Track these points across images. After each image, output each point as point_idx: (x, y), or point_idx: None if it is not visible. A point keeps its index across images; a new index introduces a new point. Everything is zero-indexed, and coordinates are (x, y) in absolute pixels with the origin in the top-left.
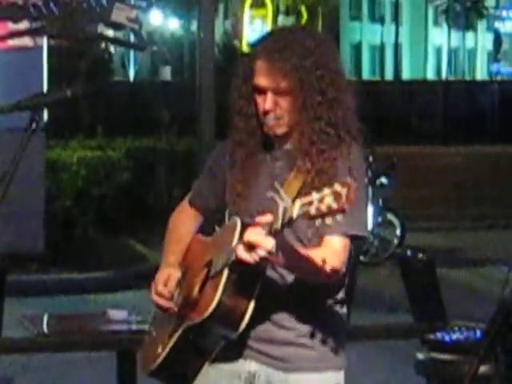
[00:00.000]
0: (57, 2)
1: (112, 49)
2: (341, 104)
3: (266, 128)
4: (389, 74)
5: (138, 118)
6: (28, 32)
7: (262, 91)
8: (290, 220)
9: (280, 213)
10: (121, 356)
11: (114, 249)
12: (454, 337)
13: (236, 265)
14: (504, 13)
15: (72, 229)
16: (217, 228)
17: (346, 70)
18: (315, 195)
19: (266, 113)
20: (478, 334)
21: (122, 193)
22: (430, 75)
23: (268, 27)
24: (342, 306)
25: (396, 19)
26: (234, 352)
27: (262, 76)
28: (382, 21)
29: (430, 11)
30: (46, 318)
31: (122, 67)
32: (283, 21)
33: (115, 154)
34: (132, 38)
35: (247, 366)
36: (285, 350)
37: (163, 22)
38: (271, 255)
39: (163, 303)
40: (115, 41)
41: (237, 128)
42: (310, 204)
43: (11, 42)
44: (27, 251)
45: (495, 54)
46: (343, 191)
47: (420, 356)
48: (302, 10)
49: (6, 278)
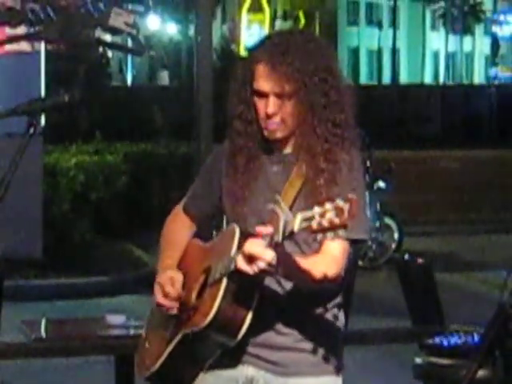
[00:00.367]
0: (54, 7)
1: (109, 54)
2: (342, 105)
3: (266, 132)
4: (386, 79)
5: (135, 123)
6: (26, 37)
7: (264, 95)
8: (291, 233)
9: (281, 225)
10: (119, 360)
11: (112, 253)
12: (452, 341)
13: (235, 274)
14: (501, 17)
15: (70, 233)
16: (214, 233)
17: (344, 73)
18: (317, 209)
19: (269, 117)
20: (476, 338)
21: (120, 197)
22: (428, 79)
23: (265, 32)
24: (339, 310)
25: (393, 23)
26: (231, 357)
27: (265, 80)
28: (379, 25)
29: (428, 15)
30: (44, 322)
31: (119, 72)
32: (281, 25)
33: (113, 159)
34: (130, 43)
35: (245, 371)
36: (283, 354)
37: (161, 27)
38: (271, 267)
39: (171, 304)
40: (113, 46)
41: (236, 132)
42: (312, 218)
43: (9, 47)
44: (25, 256)
45: (493, 58)
46: (345, 207)
47: (418, 360)
48: (299, 14)
49: (4, 283)
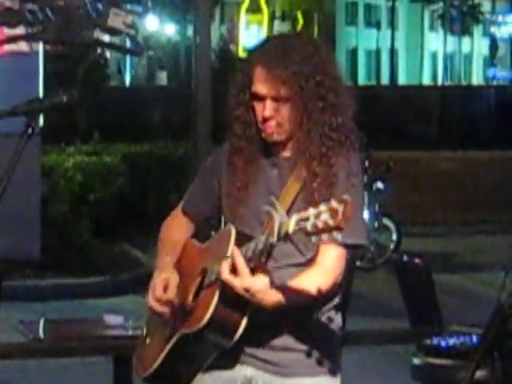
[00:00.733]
0: (53, 8)
1: (108, 54)
2: (341, 109)
3: (264, 135)
4: (385, 79)
5: (134, 123)
6: (24, 37)
7: (261, 98)
8: (286, 234)
9: (276, 227)
10: (117, 361)
11: (109, 254)
12: (451, 342)
13: None
14: (500, 18)
15: (68, 234)
16: (213, 233)
17: (343, 75)
18: (312, 211)
19: (266, 120)
20: (475, 339)
21: (118, 198)
22: (426, 80)
23: (264, 32)
24: (337, 311)
25: (392, 24)
26: (229, 358)
27: (261, 83)
28: (378, 26)
29: (426, 16)
30: (42, 323)
31: (118, 72)
32: (279, 26)
33: (111, 160)
34: (128, 44)
35: (243, 371)
36: (281, 355)
37: (159, 28)
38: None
39: (160, 310)
40: (111, 46)
41: (236, 135)
42: (307, 220)
43: (7, 48)
44: (23, 256)
45: (491, 59)
46: (340, 208)
47: (416, 361)
48: (297, 15)
49: (2, 283)
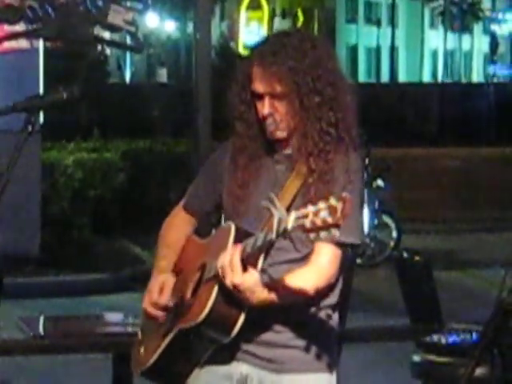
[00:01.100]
0: (53, 5)
1: (108, 51)
2: (340, 104)
3: (267, 133)
4: (385, 77)
5: (134, 120)
6: (24, 34)
7: (260, 96)
8: (285, 231)
9: (275, 223)
10: (117, 358)
11: (109, 251)
12: (450, 339)
13: None
14: (500, 15)
15: (68, 231)
16: (213, 231)
17: (344, 72)
18: (310, 208)
19: (265, 118)
20: (474, 336)
21: (118, 195)
22: (426, 78)
23: (264, 29)
24: (334, 310)
25: (392, 22)
26: (225, 354)
27: (259, 82)
28: (378, 23)
29: (427, 14)
30: (42, 320)
31: (118, 69)
32: (279, 23)
33: (111, 156)
34: (128, 40)
35: (239, 368)
36: (277, 351)
37: (159, 24)
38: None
39: (155, 313)
40: (111, 43)
41: (238, 134)
42: (306, 217)
43: (7, 44)
44: (23, 253)
45: (491, 57)
46: (339, 206)
47: (416, 358)
48: (298, 12)
49: (2, 280)
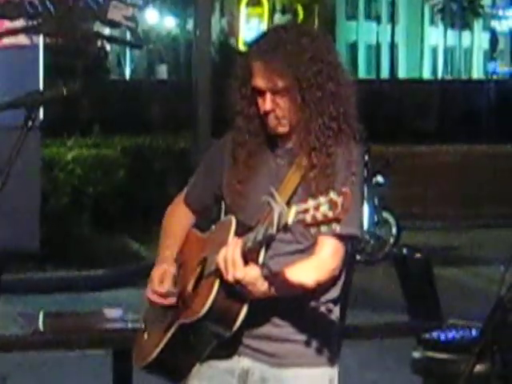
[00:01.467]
0: (53, 0)
1: (108, 47)
2: (341, 98)
3: (268, 128)
4: (385, 73)
5: (134, 117)
6: (24, 30)
7: (262, 92)
8: (285, 226)
9: (275, 218)
10: (116, 354)
11: (109, 247)
12: (450, 336)
13: None
14: (500, 12)
15: (68, 227)
16: (213, 226)
17: (344, 64)
18: (311, 202)
19: (267, 113)
20: (474, 332)
21: (118, 191)
22: (426, 74)
23: (264, 26)
24: (335, 303)
25: (392, 18)
26: (227, 349)
27: (259, 77)
28: (378, 20)
29: (427, 10)
30: (41, 315)
31: (118, 65)
32: (279, 19)
33: (111, 153)
34: (128, 36)
35: (241, 362)
36: (278, 346)
37: (159, 21)
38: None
39: (158, 301)
40: (112, 39)
41: (239, 129)
42: (306, 211)
43: (7, 40)
44: (23, 249)
45: (491, 53)
46: (339, 200)
47: (416, 355)
48: (298, 8)
49: (2, 276)
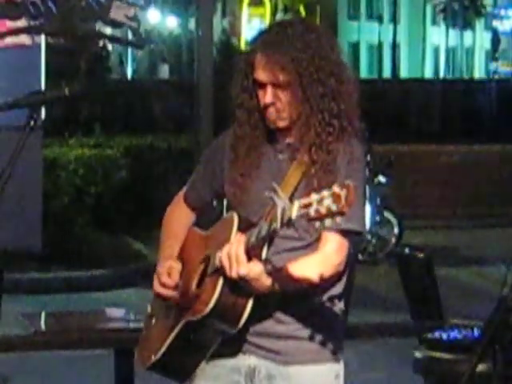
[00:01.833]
0: (55, 0)
1: (110, 47)
2: (343, 95)
3: (267, 121)
4: (387, 73)
5: (135, 116)
6: (26, 30)
7: (263, 85)
8: (289, 220)
9: (279, 213)
10: (119, 354)
11: (111, 247)
12: (452, 335)
13: None
14: (502, 12)
15: (70, 227)
16: (216, 222)
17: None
18: (314, 196)
19: (267, 106)
20: (476, 332)
21: (120, 191)
22: (428, 74)
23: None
24: (339, 299)
25: (394, 18)
26: (231, 347)
27: (261, 70)
28: (379, 20)
29: (428, 10)
30: (43, 315)
31: (119, 65)
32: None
33: (113, 152)
34: (130, 36)
35: (247, 360)
36: (284, 343)
37: (161, 20)
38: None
39: (168, 294)
40: (113, 39)
41: (239, 122)
42: (309, 206)
43: (9, 40)
44: (25, 249)
45: (493, 53)
46: (342, 193)
47: (418, 354)
48: (299, 8)
49: (4, 276)
